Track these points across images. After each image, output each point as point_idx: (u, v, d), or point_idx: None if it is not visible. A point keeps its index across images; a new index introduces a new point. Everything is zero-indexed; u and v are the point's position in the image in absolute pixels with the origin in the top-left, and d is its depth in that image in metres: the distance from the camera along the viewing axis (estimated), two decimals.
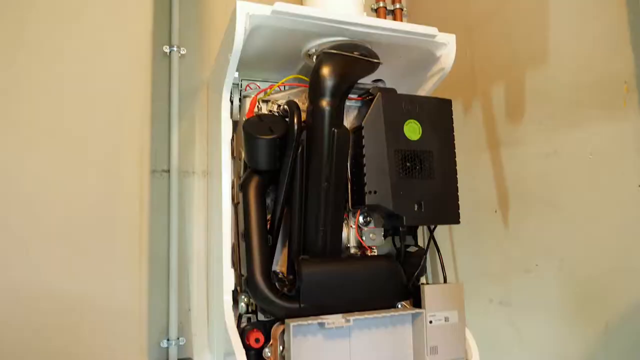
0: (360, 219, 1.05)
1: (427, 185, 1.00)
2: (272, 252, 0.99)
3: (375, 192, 0.95)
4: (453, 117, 1.06)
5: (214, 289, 1.18)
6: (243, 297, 1.00)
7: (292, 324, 0.86)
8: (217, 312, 1.07)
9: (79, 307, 1.05)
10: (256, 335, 0.93)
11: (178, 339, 1.21)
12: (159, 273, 1.23)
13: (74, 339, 0.95)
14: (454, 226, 1.36)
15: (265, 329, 0.97)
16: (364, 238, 1.04)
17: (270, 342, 0.94)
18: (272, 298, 0.90)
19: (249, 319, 1.00)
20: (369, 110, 0.98)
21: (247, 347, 0.92)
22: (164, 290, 1.23)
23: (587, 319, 0.99)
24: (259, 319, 0.99)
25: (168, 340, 1.20)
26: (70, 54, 1.20)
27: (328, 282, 0.92)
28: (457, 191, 1.03)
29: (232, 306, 0.99)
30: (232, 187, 1.05)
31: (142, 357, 1.13)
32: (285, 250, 1.04)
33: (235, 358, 0.89)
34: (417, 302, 1.01)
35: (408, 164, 0.99)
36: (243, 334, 0.95)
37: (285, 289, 0.93)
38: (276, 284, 0.94)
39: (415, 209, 0.98)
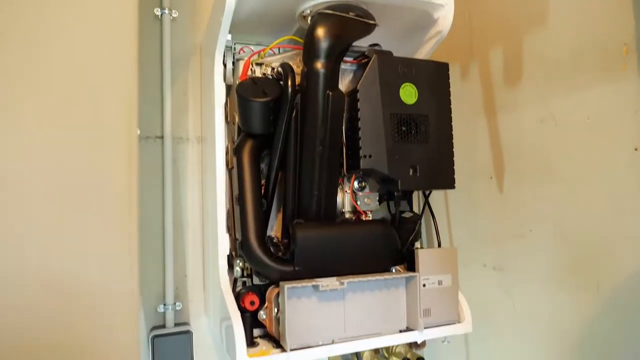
0: (355, 184, 1.04)
1: (422, 150, 0.99)
2: (266, 216, 0.99)
3: (370, 156, 0.95)
4: (450, 82, 1.05)
5: (209, 255, 1.19)
6: (238, 261, 1.01)
7: (287, 286, 0.87)
8: (213, 277, 1.07)
9: (68, 282, 0.90)
10: (251, 298, 0.94)
11: (175, 304, 1.22)
12: (154, 240, 1.23)
13: (64, 317, 0.82)
14: (449, 192, 1.37)
15: (261, 292, 0.97)
16: (358, 203, 1.04)
17: (265, 305, 0.95)
18: (267, 261, 0.90)
19: (244, 283, 1.00)
20: (365, 73, 0.96)
21: (242, 310, 0.93)
22: (160, 256, 1.23)
23: (579, 282, 1.00)
24: (254, 282, 1.00)
25: (165, 305, 1.21)
26: (55, 18, 1.16)
27: (322, 245, 0.92)
28: (453, 156, 1.03)
29: (227, 271, 1.00)
30: (227, 153, 1.04)
31: (136, 325, 1.11)
32: (280, 216, 1.03)
33: (231, 322, 0.90)
34: (411, 267, 1.01)
35: (404, 128, 0.98)
36: (238, 297, 0.96)
37: (280, 252, 0.93)
38: (271, 248, 0.95)
39: (410, 173, 0.98)
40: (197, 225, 1.28)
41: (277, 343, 0.91)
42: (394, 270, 1.02)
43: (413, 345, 1.21)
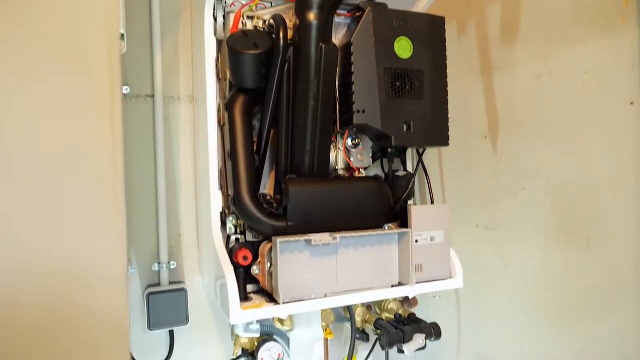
0: (349, 141, 1.04)
1: (416, 106, 0.98)
2: (259, 173, 0.98)
3: (363, 112, 0.94)
4: (447, 40, 1.03)
5: (202, 213, 1.19)
6: (231, 218, 1.01)
7: (279, 240, 0.87)
8: (207, 235, 1.08)
9: (50, 251, 0.74)
10: (244, 254, 0.94)
11: (169, 263, 1.23)
12: (147, 200, 1.23)
13: (48, 289, 0.70)
14: (444, 153, 1.36)
15: (254, 248, 0.98)
16: (352, 159, 1.03)
17: (259, 260, 0.95)
18: (259, 216, 0.90)
19: (237, 240, 1.00)
20: (359, 26, 0.94)
21: (235, 265, 0.93)
22: (153, 216, 1.23)
23: (569, 236, 1.01)
24: (248, 239, 1.01)
25: (159, 264, 1.22)
26: None
27: (315, 201, 0.92)
28: (448, 113, 1.02)
29: (220, 228, 1.00)
30: (219, 111, 1.02)
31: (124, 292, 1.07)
32: (273, 175, 1.03)
33: (225, 278, 0.90)
34: (404, 225, 1.02)
35: (398, 84, 0.96)
36: (231, 253, 0.96)
37: (273, 209, 0.93)
38: (264, 205, 0.94)
39: (404, 129, 0.97)
40: (191, 185, 1.27)
41: (271, 297, 0.92)
42: (387, 228, 1.02)
43: (405, 302, 1.23)
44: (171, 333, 1.24)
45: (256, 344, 1.07)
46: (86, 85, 0.77)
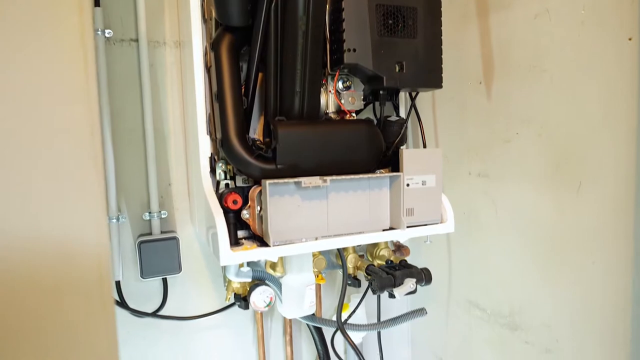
0: (340, 83, 1.01)
1: (409, 46, 0.95)
2: (247, 115, 0.96)
3: (354, 50, 0.90)
4: None
5: (192, 162, 1.17)
6: (220, 164, 0.99)
7: (269, 182, 0.86)
8: (196, 183, 1.06)
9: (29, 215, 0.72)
10: (234, 197, 0.93)
11: (160, 212, 1.22)
12: (135, 149, 1.21)
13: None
14: (437, 98, 1.34)
15: (244, 193, 0.97)
16: (342, 101, 1.01)
17: (248, 204, 0.94)
18: (248, 158, 0.88)
19: (227, 185, 0.99)
20: None
21: (225, 210, 0.93)
22: (142, 165, 1.21)
23: (561, 180, 1.00)
24: (238, 185, 0.99)
25: (150, 213, 1.21)
26: None
27: (305, 143, 0.90)
28: (441, 54, 0.99)
29: (210, 173, 0.98)
30: (205, 54, 0.98)
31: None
32: (262, 119, 1.01)
33: (215, 222, 0.89)
34: (396, 171, 1.00)
35: (390, 21, 0.92)
36: (221, 198, 0.95)
37: (262, 151, 0.91)
38: (253, 148, 0.93)
39: (397, 70, 0.94)
40: (179, 134, 1.25)
41: (262, 242, 0.92)
42: (378, 173, 1.01)
43: (397, 252, 1.24)
44: (164, 281, 1.25)
45: (248, 288, 1.08)
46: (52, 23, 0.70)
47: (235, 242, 0.93)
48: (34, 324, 0.48)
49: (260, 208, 0.91)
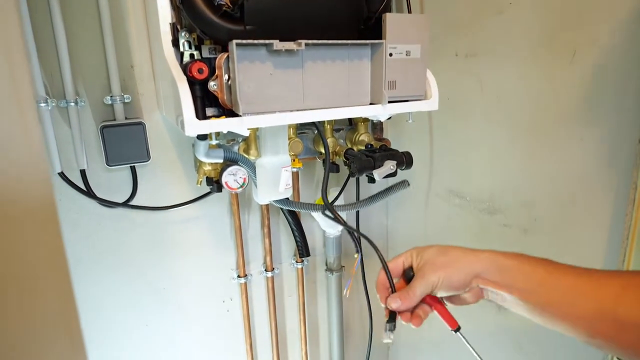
0: None
1: None
2: None
3: None
4: None
5: (154, 38, 1.06)
6: (183, 33, 0.88)
7: (236, 42, 0.77)
8: (160, 61, 0.96)
9: None
10: (199, 66, 0.84)
11: (123, 96, 1.12)
12: (90, 27, 1.08)
13: None
14: None
15: (211, 64, 0.87)
16: None
17: (216, 74, 0.86)
18: (211, 16, 0.78)
19: (191, 56, 0.90)
20: None
21: (191, 82, 0.84)
22: (99, 45, 1.09)
23: (554, 51, 0.93)
24: (204, 56, 0.90)
25: (112, 97, 1.11)
26: None
27: (278, 1, 0.80)
28: None
29: (173, 46, 0.88)
30: None
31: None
32: None
33: (180, 98, 0.81)
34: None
35: None
36: (185, 68, 0.86)
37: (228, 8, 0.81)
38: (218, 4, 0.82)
39: None
40: (140, 12, 1.12)
41: (232, 115, 0.85)
42: None
43: (377, 132, 1.18)
44: (133, 171, 1.18)
45: (220, 169, 1.02)
46: None
47: (203, 117, 0.86)
48: None
49: (229, 77, 0.83)
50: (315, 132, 1.20)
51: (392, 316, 0.67)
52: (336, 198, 1.24)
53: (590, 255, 0.94)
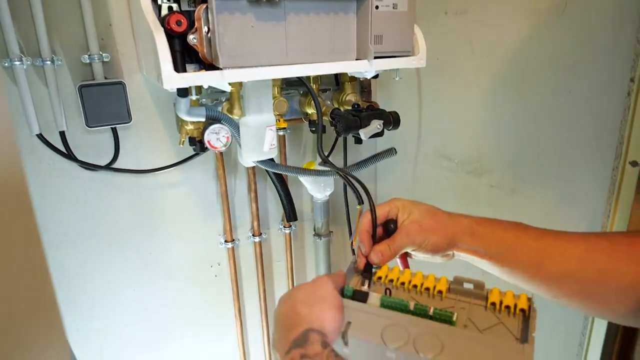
0: None
1: None
2: None
3: None
4: None
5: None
6: None
7: None
8: (137, 15, 0.92)
9: None
10: (177, 18, 0.81)
11: (101, 54, 1.08)
12: None
13: None
14: None
15: (190, 18, 0.84)
16: None
17: (195, 27, 0.82)
18: None
19: (170, 9, 0.86)
20: None
21: (169, 35, 0.81)
22: (74, 1, 1.05)
23: (546, 2, 0.91)
24: (183, 9, 0.86)
25: (90, 55, 1.07)
26: None
27: None
28: None
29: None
30: None
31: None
32: None
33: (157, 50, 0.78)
34: None
35: None
36: (163, 21, 0.83)
37: None
38: None
39: None
40: None
41: (213, 69, 0.82)
42: None
43: (365, 95, 1.16)
44: (115, 133, 1.15)
45: (202, 129, 1.00)
46: None
47: (183, 71, 0.83)
48: None
49: (208, 29, 0.80)
50: (301, 92, 1.18)
51: (368, 267, 0.67)
52: (328, 154, 1.22)
53: (578, 212, 0.94)
